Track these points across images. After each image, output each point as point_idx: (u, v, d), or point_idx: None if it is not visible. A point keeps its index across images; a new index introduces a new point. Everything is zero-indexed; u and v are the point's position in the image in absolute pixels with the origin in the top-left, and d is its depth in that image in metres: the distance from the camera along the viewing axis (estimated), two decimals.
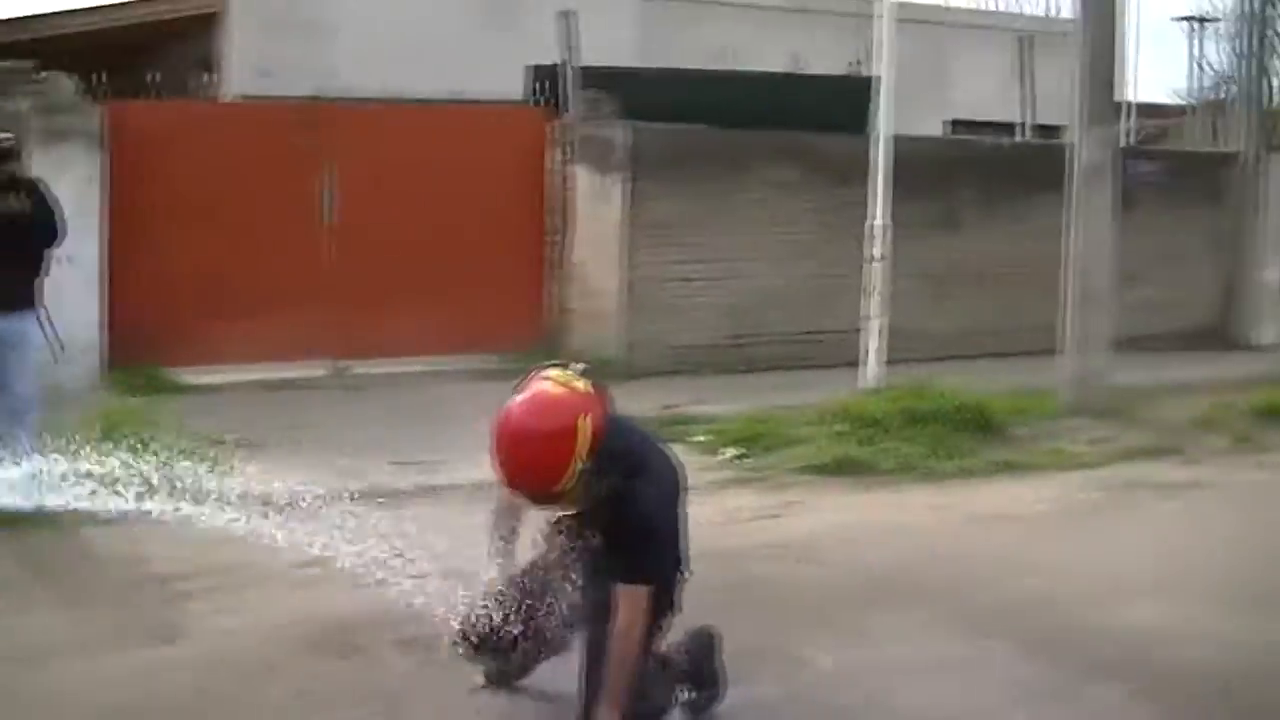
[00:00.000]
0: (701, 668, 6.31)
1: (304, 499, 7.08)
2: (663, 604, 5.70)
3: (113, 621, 7.55)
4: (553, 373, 5.52)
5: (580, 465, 5.29)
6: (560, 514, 5.74)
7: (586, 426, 5.31)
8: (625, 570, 5.51)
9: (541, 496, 5.40)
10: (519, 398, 5.39)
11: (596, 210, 16.83)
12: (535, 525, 6.02)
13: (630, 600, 5.52)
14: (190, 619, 7.62)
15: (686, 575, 5.88)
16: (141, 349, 14.98)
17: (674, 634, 6.10)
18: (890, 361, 15.08)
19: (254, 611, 7.74)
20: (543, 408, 5.37)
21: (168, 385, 14.77)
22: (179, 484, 9.81)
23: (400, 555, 6.50)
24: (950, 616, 7.95)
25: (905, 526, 10.35)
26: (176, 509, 8.03)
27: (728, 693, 6.42)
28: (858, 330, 15.31)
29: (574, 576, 5.72)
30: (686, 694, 6.22)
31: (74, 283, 14.57)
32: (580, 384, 5.47)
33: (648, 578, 5.55)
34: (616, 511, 5.49)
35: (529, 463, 5.31)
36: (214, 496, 8.47)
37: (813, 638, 7.38)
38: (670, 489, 5.76)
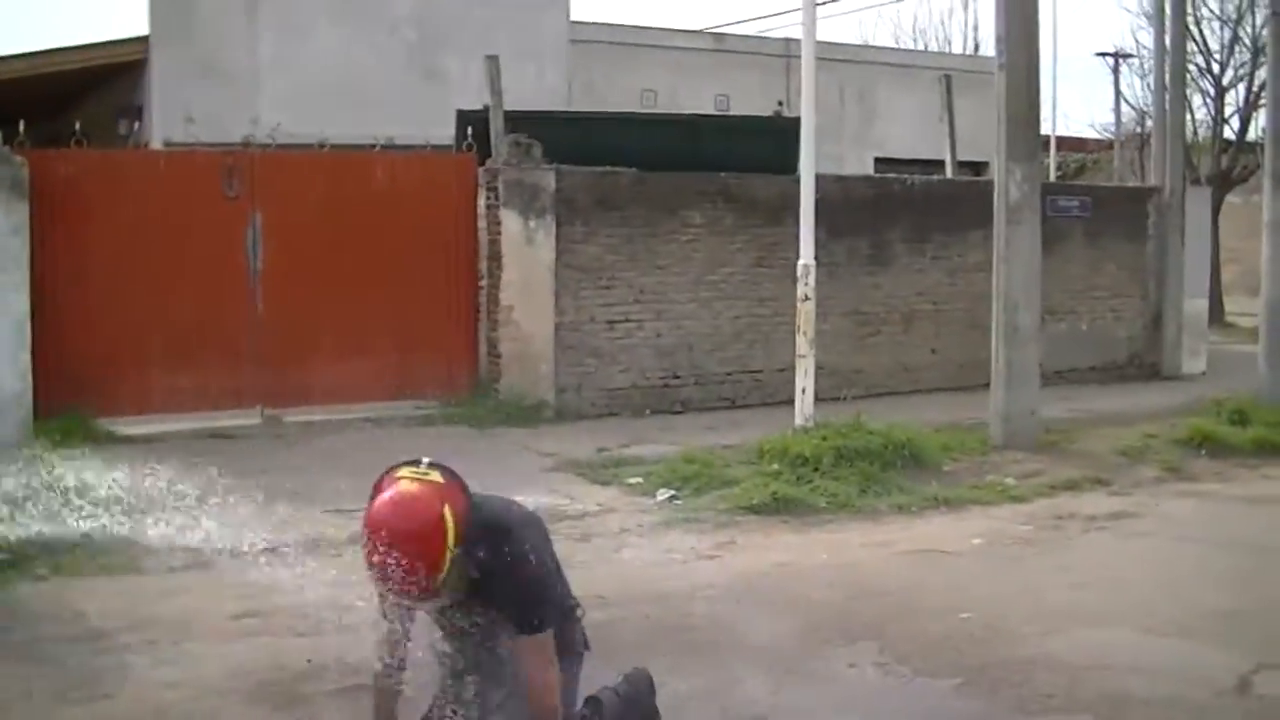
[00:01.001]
0: (637, 709, 6.28)
1: (240, 549, 7.04)
2: (562, 647, 5.69)
3: (52, 677, 7.47)
4: (405, 471, 5.46)
5: (452, 554, 5.29)
6: (441, 616, 5.64)
7: (450, 516, 5.29)
8: (523, 623, 5.48)
9: (422, 595, 5.33)
10: (380, 500, 5.33)
11: (525, 254, 16.84)
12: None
13: (536, 648, 5.50)
14: (130, 672, 7.55)
15: (580, 613, 5.87)
16: (71, 399, 14.87)
17: (609, 676, 6.09)
18: (823, 399, 15.12)
19: (194, 663, 7.68)
20: (407, 508, 5.30)
21: (98, 436, 14.64)
22: (114, 538, 9.77)
23: (337, 605, 6.47)
24: (888, 653, 7.98)
25: (840, 564, 10.39)
26: (113, 562, 8.02)
27: None
28: (791, 369, 15.36)
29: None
30: None
31: (1, 334, 14.51)
32: (435, 475, 5.42)
33: (546, 623, 5.54)
34: (498, 576, 5.46)
35: (405, 566, 5.18)
36: (150, 549, 8.46)
37: (753, 677, 7.39)
38: (540, 536, 5.75)
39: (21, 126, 15.26)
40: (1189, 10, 29.29)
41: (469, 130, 17.21)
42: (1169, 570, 10.23)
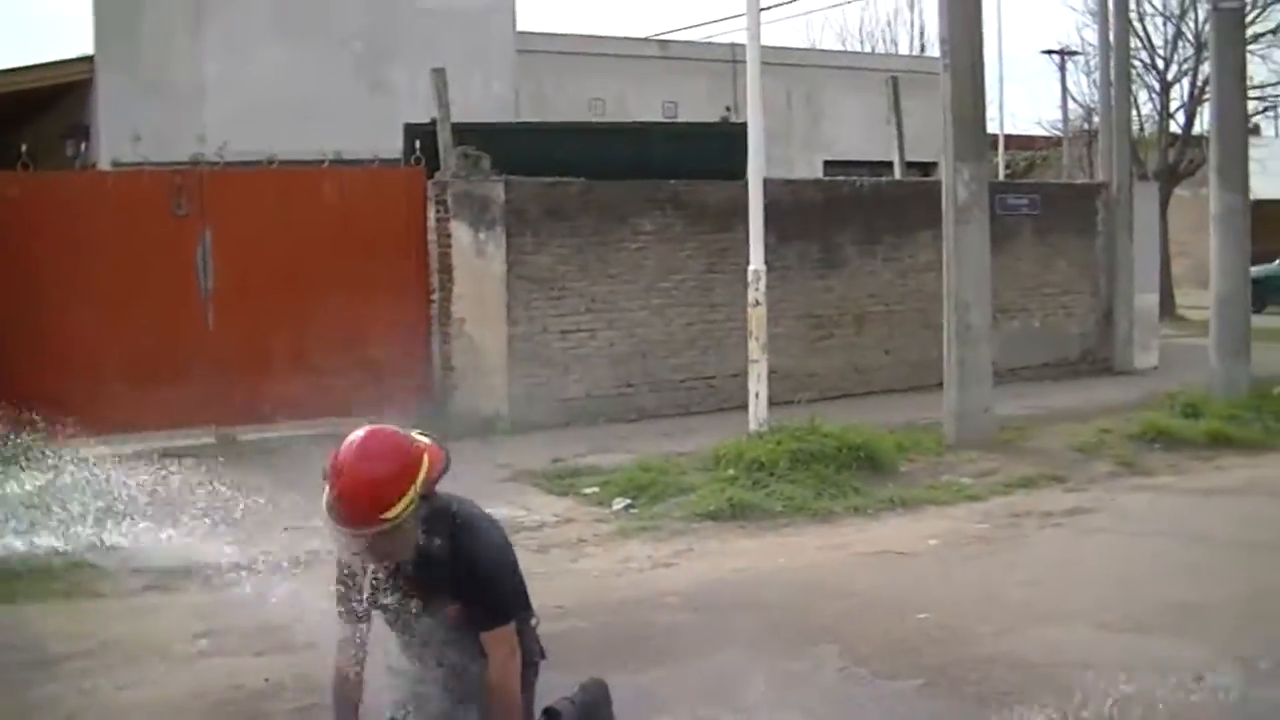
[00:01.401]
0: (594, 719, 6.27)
1: (199, 569, 7.02)
2: (522, 650, 5.69)
3: (13, 704, 7.43)
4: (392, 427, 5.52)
5: (415, 497, 5.28)
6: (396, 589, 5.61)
7: (426, 463, 5.32)
8: (487, 616, 5.49)
9: (374, 525, 5.29)
10: (364, 428, 5.39)
11: (476, 266, 16.83)
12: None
13: (500, 641, 5.50)
14: (90, 697, 7.51)
15: (534, 622, 5.87)
16: (21, 423, 14.78)
17: (567, 687, 6.09)
18: (778, 403, 15.15)
19: (154, 685, 7.64)
20: (388, 436, 5.39)
21: (51, 458, 14.56)
22: (72, 560, 9.71)
23: (297, 623, 6.45)
24: (848, 655, 7.99)
25: (798, 568, 10.40)
26: (71, 586, 7.99)
27: None
28: (744, 374, 15.39)
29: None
30: None
31: None
32: (424, 439, 5.48)
33: (509, 615, 5.55)
34: (459, 567, 5.47)
35: (368, 479, 5.21)
36: (107, 572, 8.44)
37: (713, 683, 7.39)
38: (503, 537, 5.76)
39: None
40: (1132, 7, 29.51)
41: (417, 143, 17.18)
42: (1125, 565, 10.28)
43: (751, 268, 14.89)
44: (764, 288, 14.83)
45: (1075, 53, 41.31)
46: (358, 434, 5.35)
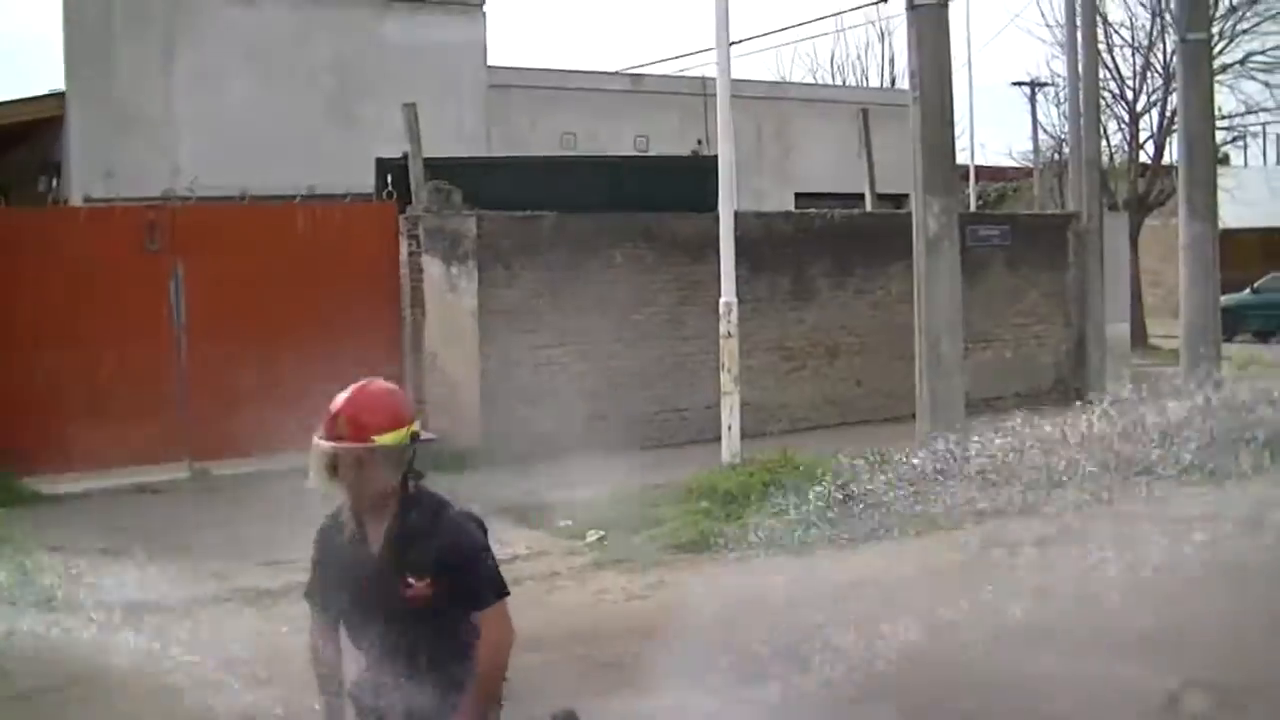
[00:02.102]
0: None
1: (173, 604, 7.02)
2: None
3: None
4: None
5: (408, 437, 5.48)
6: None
7: (416, 423, 5.57)
8: (478, 594, 5.51)
9: (368, 443, 5.39)
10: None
11: (448, 300, 16.85)
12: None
13: (497, 617, 5.52)
14: None
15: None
16: None
17: (537, 715, 6.08)
18: (751, 435, 15.19)
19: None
20: (385, 384, 5.72)
21: (23, 496, 14.55)
22: (42, 597, 9.70)
23: (269, 658, 6.45)
24: (831, 687, 7.98)
25: (774, 600, 10.40)
26: (43, 624, 7.98)
27: None
28: (717, 406, 15.41)
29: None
30: None
31: None
32: None
33: (500, 589, 5.57)
34: (443, 537, 5.51)
35: (371, 402, 5.54)
36: (80, 608, 8.40)
37: (688, 713, 7.40)
38: (477, 523, 5.80)
39: None
40: (1101, 38, 29.65)
41: (389, 178, 17.23)
42: (1096, 591, 10.29)
43: (723, 300, 14.94)
44: (736, 320, 14.88)
45: (1045, 84, 41.56)
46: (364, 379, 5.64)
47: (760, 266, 18.51)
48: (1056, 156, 38.32)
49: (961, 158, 24.93)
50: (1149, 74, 35.46)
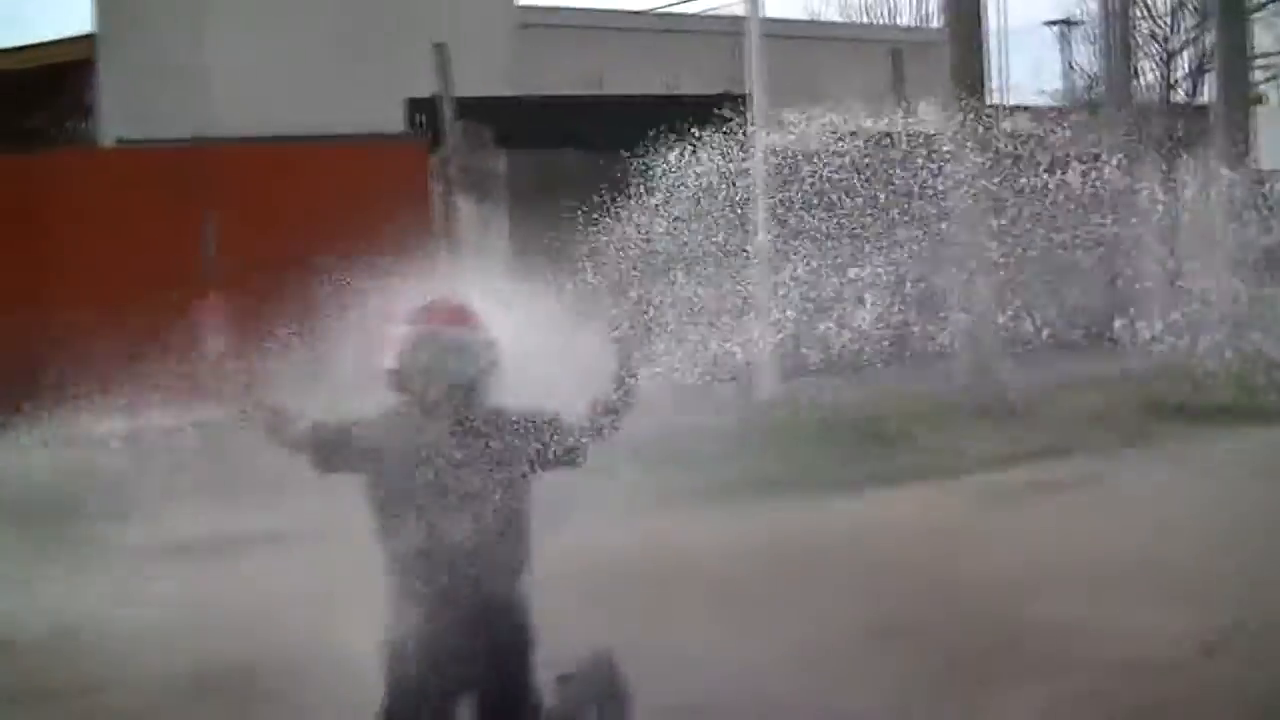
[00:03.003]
0: (606, 687, 6.25)
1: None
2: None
3: None
4: None
5: (484, 337, 5.53)
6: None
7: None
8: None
9: (463, 327, 5.53)
10: None
11: (481, 240, 16.82)
12: None
13: None
14: None
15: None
16: (23, 402, 14.82)
17: (576, 659, 6.07)
18: (786, 374, 15.14)
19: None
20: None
21: (52, 438, 14.60)
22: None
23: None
24: (872, 628, 7.90)
25: (813, 542, 10.34)
26: None
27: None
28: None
29: None
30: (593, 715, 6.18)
31: None
32: None
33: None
34: (513, 421, 5.57)
35: (453, 301, 5.66)
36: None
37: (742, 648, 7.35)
38: None
39: None
40: None
41: (420, 118, 17.19)
42: (1140, 534, 10.23)
43: (757, 239, 14.89)
44: (771, 259, 14.82)
45: (1077, 22, 41.22)
46: None
47: (794, 205, 18.40)
48: (1089, 97, 38.08)
49: (992, 98, 24.72)
50: (1182, 11, 35.17)
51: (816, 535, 9.92)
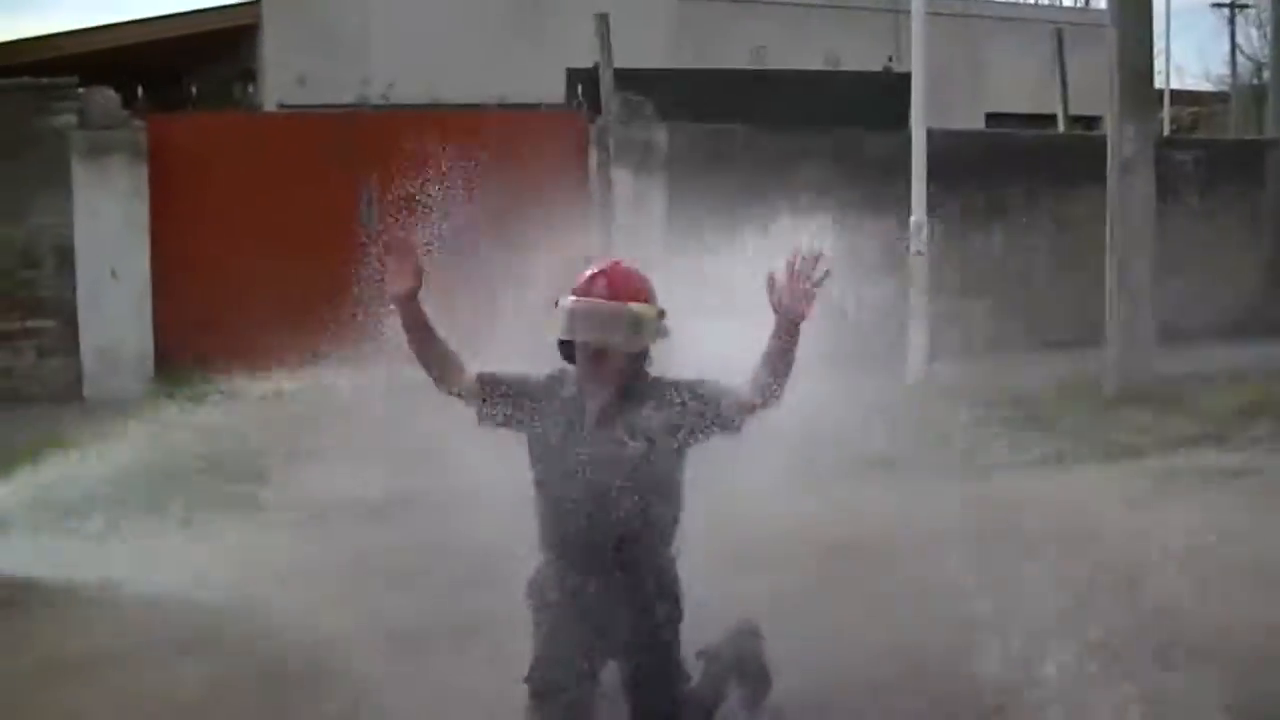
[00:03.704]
0: (749, 661, 6.28)
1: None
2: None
3: None
4: None
5: (655, 310, 5.63)
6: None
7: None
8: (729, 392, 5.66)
9: (628, 304, 5.57)
10: None
11: (638, 211, 16.85)
12: None
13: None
14: None
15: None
16: (190, 359, 15.09)
17: (716, 633, 6.09)
18: (932, 357, 15.07)
19: None
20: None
21: (209, 394, 14.86)
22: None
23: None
24: (1016, 614, 7.82)
25: (954, 524, 10.26)
26: None
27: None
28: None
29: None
30: (735, 688, 6.20)
31: (123, 296, 14.76)
32: None
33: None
34: (681, 391, 5.63)
35: (631, 273, 5.73)
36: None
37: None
38: None
39: (139, 91, 15.49)
40: None
41: (579, 88, 17.25)
42: None
43: (913, 219, 14.82)
44: (926, 239, 14.74)
45: (1245, 5, 40.57)
46: None
47: (950, 186, 18.29)
48: (1256, 81, 37.47)
49: (1157, 82, 24.43)
50: None
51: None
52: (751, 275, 5.75)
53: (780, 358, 5.62)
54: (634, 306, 5.57)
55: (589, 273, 5.70)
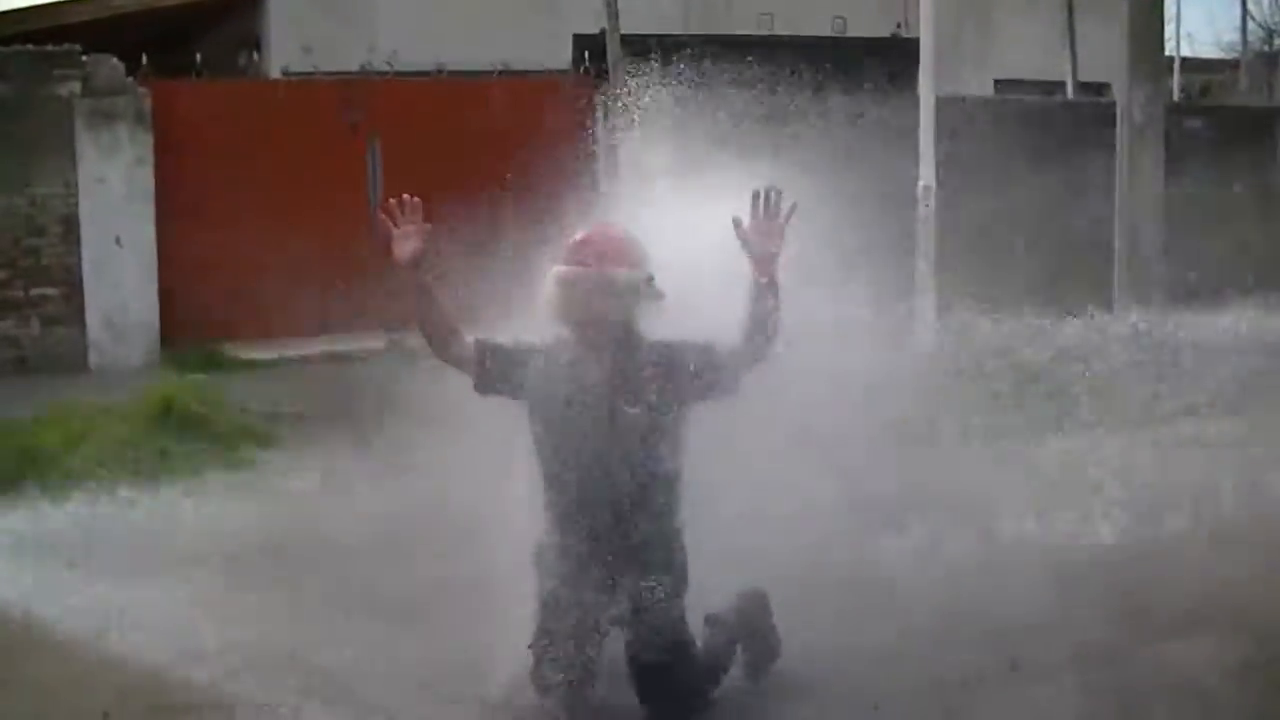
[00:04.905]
0: (755, 628, 6.24)
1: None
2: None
3: None
4: None
5: (644, 275, 5.59)
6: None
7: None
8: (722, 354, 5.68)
9: (605, 268, 5.55)
10: None
11: (644, 179, 16.76)
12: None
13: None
14: None
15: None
16: (196, 327, 15.08)
17: (725, 597, 6.05)
18: (942, 314, 15.02)
19: None
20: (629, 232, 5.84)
21: (222, 361, 14.85)
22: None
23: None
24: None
25: (964, 488, 10.21)
26: None
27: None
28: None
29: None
30: (741, 654, 6.16)
31: (129, 264, 14.72)
32: None
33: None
34: (670, 354, 5.65)
35: (619, 236, 5.74)
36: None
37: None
38: None
39: (143, 59, 15.44)
40: None
41: (586, 55, 17.17)
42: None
43: (921, 184, 14.74)
44: (934, 204, 14.68)
45: None
46: None
47: (957, 152, 18.20)
48: (1266, 48, 37.33)
49: (1167, 48, 24.32)
50: None
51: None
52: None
53: (763, 308, 5.59)
54: (620, 272, 5.54)
55: (576, 238, 5.71)
